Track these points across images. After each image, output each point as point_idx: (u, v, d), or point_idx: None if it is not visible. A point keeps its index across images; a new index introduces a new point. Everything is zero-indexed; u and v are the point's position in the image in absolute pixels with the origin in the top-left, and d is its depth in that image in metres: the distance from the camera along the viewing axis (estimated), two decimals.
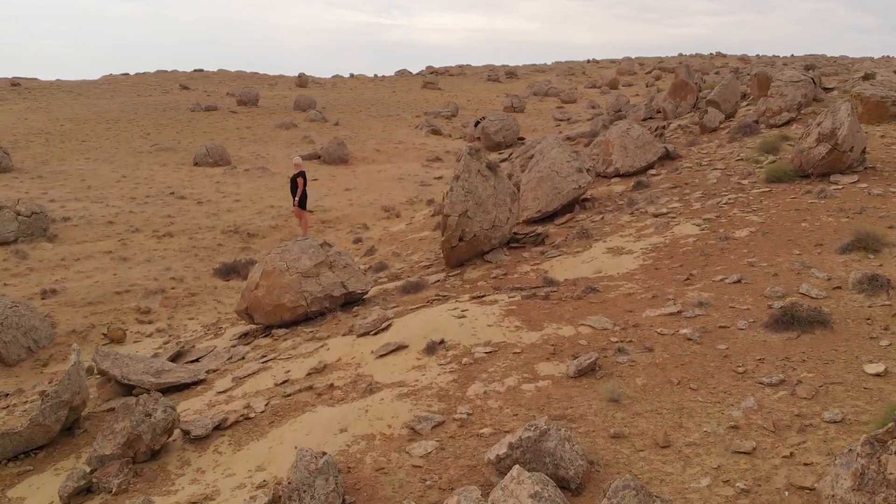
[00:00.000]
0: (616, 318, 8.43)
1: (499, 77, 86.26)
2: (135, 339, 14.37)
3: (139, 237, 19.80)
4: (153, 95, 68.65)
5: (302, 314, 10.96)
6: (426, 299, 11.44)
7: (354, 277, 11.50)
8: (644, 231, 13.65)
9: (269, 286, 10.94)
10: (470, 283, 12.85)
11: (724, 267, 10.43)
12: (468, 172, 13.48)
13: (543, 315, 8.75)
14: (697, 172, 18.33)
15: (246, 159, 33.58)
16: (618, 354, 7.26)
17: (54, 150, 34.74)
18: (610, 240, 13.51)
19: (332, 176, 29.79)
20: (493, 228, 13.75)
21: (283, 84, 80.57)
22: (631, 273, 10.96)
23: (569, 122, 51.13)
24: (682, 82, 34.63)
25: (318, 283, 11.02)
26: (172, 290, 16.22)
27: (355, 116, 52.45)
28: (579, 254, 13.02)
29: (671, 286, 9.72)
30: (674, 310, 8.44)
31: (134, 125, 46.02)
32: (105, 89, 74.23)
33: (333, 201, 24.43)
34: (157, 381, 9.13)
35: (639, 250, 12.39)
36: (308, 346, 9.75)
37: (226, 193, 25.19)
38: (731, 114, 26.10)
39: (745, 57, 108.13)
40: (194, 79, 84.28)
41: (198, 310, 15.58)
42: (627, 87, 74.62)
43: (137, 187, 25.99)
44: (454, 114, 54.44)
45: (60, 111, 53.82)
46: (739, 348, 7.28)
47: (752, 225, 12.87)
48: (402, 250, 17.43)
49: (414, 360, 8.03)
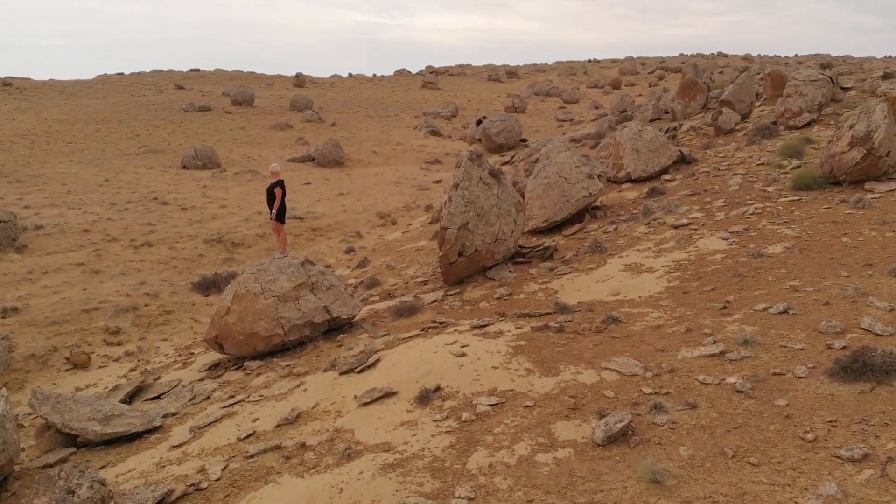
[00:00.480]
0: (646, 359, 7.06)
1: (499, 77, 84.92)
2: (100, 364, 13.01)
3: (115, 247, 18.43)
4: (147, 95, 67.29)
5: (279, 344, 9.59)
6: (421, 325, 10.07)
7: (340, 300, 10.12)
8: (664, 245, 12.28)
9: (242, 312, 9.57)
10: (471, 303, 11.48)
11: (764, 292, 9.06)
12: (468, 180, 12.11)
13: (558, 354, 7.37)
14: (716, 178, 16.96)
15: (237, 162, 32.22)
16: (654, 413, 5.88)
17: (38, 153, 33.39)
18: (626, 255, 12.14)
19: (326, 179, 28.42)
20: (497, 242, 12.38)
21: (281, 84, 79.22)
22: (655, 297, 9.59)
23: (572, 122, 49.77)
24: (691, 82, 33.27)
25: (297, 309, 9.64)
26: (146, 307, 14.85)
27: (353, 117, 51.10)
28: (593, 271, 11.65)
29: (706, 316, 8.34)
30: (714, 350, 7.06)
31: (124, 126, 44.69)
32: (98, 89, 72.85)
33: (326, 207, 23.06)
34: (103, 430, 7.76)
35: (660, 268, 11.02)
36: (283, 385, 8.38)
37: (212, 198, 23.81)
38: (745, 114, 24.73)
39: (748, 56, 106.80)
40: (190, 78, 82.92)
41: (172, 329, 14.21)
42: (630, 87, 73.30)
43: (119, 192, 24.63)
44: (454, 114, 53.07)
45: (50, 112, 52.48)
46: (803, 405, 5.91)
47: (786, 239, 11.50)
48: (397, 262, 16.06)
49: (404, 411, 6.66)
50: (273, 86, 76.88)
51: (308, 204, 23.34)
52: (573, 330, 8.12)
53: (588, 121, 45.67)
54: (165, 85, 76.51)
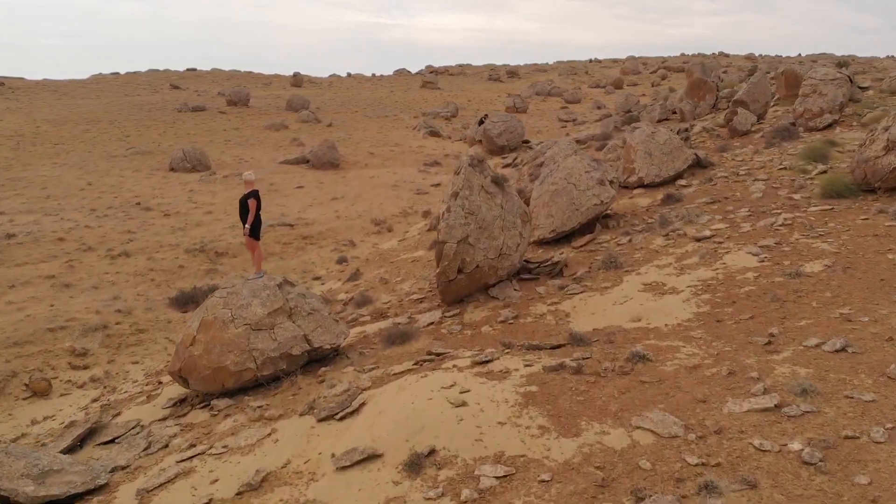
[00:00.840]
0: (685, 413, 5.82)
1: (500, 76, 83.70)
2: (63, 392, 11.78)
3: (90, 258, 17.19)
4: (142, 95, 66.09)
5: (250, 380, 8.35)
6: (416, 355, 8.84)
7: (322, 327, 8.88)
8: (686, 261, 11.04)
9: (209, 342, 8.33)
10: (471, 327, 10.24)
11: (811, 322, 7.82)
12: (469, 189, 10.88)
13: (578, 405, 6.13)
14: (736, 184, 15.72)
15: (227, 164, 30.99)
16: (705, 495, 4.64)
17: (22, 155, 32.16)
18: (645, 272, 10.90)
19: (320, 183, 27.18)
20: (500, 257, 11.14)
21: (278, 83, 78.00)
22: (684, 326, 8.34)
23: (574, 123, 48.53)
24: (700, 81, 32.04)
25: (272, 339, 8.40)
26: (117, 325, 13.62)
27: (350, 117, 49.87)
28: (608, 291, 10.41)
29: (748, 353, 7.10)
30: (768, 402, 5.82)
31: (115, 127, 43.47)
32: (92, 89, 71.64)
33: (318, 213, 21.82)
34: (36, 492, 6.53)
35: (685, 288, 9.78)
36: (251, 433, 7.14)
37: (198, 203, 22.55)
38: (761, 115, 23.48)
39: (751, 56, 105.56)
40: (186, 78, 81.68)
41: (144, 350, 12.98)
42: (632, 86, 72.09)
43: (101, 196, 23.38)
44: (454, 114, 51.84)
45: (40, 112, 51.29)
46: (890, 484, 4.68)
47: (824, 255, 10.27)
48: (392, 275, 14.83)
49: (389, 482, 5.43)
50: (270, 85, 75.66)
51: (299, 209, 22.11)
52: (593, 370, 6.88)
53: (591, 121, 44.43)
54: (161, 85, 75.28)
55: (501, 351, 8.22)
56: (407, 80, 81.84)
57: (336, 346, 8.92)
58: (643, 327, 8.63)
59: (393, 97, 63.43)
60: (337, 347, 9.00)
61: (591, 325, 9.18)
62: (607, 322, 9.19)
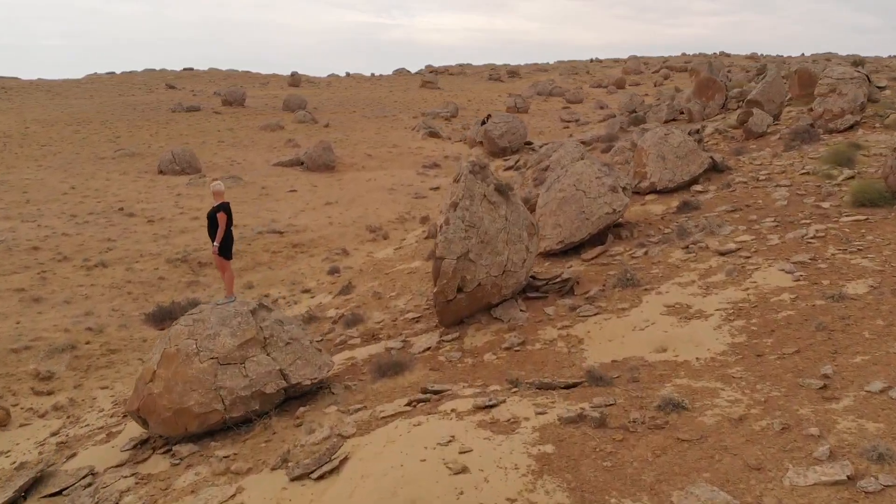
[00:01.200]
0: (737, 486, 4.72)
1: (500, 76, 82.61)
2: (22, 422, 10.67)
3: (65, 268, 16.08)
4: (136, 95, 64.98)
5: (217, 422, 7.25)
6: (409, 390, 7.75)
7: (302, 359, 7.78)
8: (712, 278, 9.94)
9: (170, 379, 7.23)
10: (473, 354, 9.14)
11: (868, 358, 6.72)
12: (470, 198, 9.77)
13: (604, 472, 5.03)
14: (757, 190, 14.62)
15: (219, 166, 29.89)
16: None
17: (6, 156, 31.08)
18: (666, 290, 9.80)
19: (314, 186, 26.06)
20: (505, 275, 10.03)
21: (276, 83, 76.85)
22: (720, 361, 7.24)
23: (577, 123, 47.40)
24: (709, 80, 30.92)
25: (243, 375, 7.30)
26: (87, 345, 12.52)
27: (348, 117, 48.76)
28: (626, 313, 9.30)
29: (800, 399, 6.00)
30: (839, 473, 4.72)
31: (106, 127, 42.37)
32: (86, 89, 70.55)
33: (310, 218, 20.71)
34: None
35: (714, 312, 8.68)
36: (213, 493, 6.04)
37: (184, 209, 21.44)
38: (775, 116, 22.40)
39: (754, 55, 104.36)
40: (183, 78, 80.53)
41: (115, 374, 11.87)
42: (634, 86, 70.96)
43: (83, 201, 22.27)
44: (454, 114, 50.72)
45: (32, 112, 50.21)
46: None
47: (867, 273, 9.17)
48: (386, 289, 13.72)
49: None
50: (268, 85, 74.54)
51: (290, 215, 21.00)
52: (619, 423, 5.77)
53: (595, 122, 43.34)
54: (157, 84, 74.17)
55: (508, 390, 7.11)
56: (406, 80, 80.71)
57: (317, 380, 7.81)
58: (671, 360, 7.53)
59: (392, 97, 62.33)
60: (319, 381, 7.88)
61: (609, 356, 8.09)
62: (628, 352, 8.09)
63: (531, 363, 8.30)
